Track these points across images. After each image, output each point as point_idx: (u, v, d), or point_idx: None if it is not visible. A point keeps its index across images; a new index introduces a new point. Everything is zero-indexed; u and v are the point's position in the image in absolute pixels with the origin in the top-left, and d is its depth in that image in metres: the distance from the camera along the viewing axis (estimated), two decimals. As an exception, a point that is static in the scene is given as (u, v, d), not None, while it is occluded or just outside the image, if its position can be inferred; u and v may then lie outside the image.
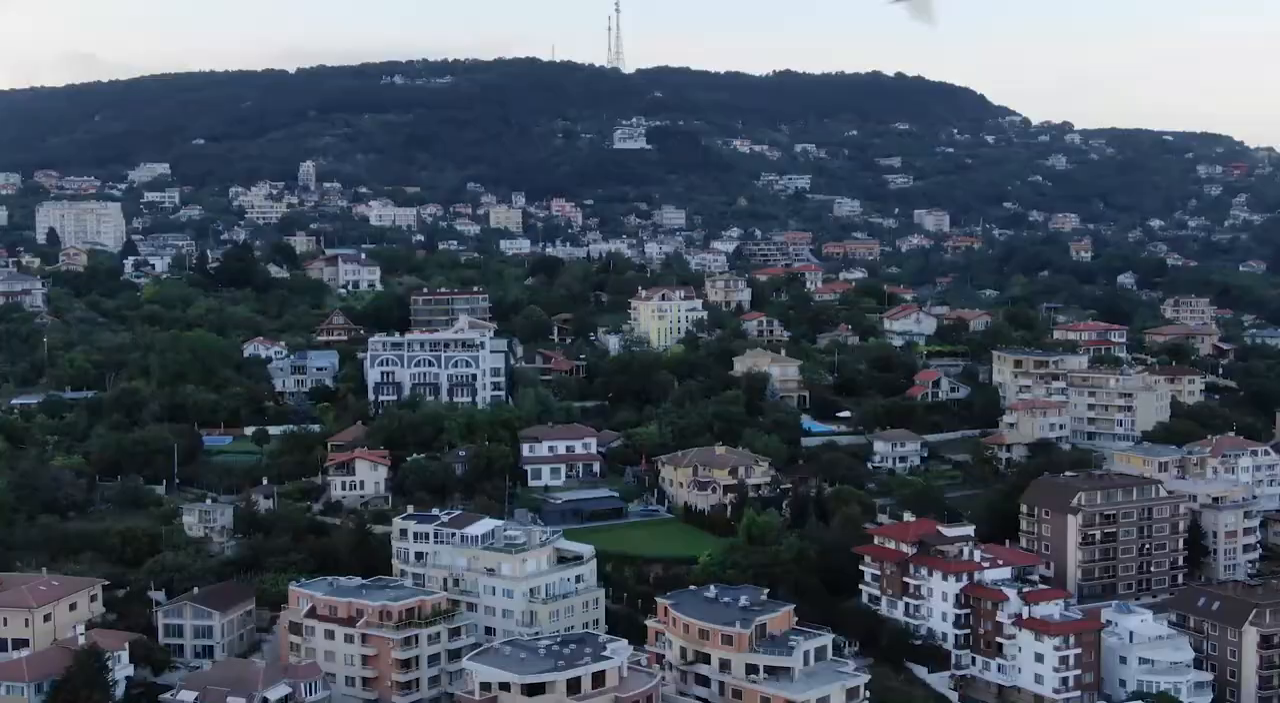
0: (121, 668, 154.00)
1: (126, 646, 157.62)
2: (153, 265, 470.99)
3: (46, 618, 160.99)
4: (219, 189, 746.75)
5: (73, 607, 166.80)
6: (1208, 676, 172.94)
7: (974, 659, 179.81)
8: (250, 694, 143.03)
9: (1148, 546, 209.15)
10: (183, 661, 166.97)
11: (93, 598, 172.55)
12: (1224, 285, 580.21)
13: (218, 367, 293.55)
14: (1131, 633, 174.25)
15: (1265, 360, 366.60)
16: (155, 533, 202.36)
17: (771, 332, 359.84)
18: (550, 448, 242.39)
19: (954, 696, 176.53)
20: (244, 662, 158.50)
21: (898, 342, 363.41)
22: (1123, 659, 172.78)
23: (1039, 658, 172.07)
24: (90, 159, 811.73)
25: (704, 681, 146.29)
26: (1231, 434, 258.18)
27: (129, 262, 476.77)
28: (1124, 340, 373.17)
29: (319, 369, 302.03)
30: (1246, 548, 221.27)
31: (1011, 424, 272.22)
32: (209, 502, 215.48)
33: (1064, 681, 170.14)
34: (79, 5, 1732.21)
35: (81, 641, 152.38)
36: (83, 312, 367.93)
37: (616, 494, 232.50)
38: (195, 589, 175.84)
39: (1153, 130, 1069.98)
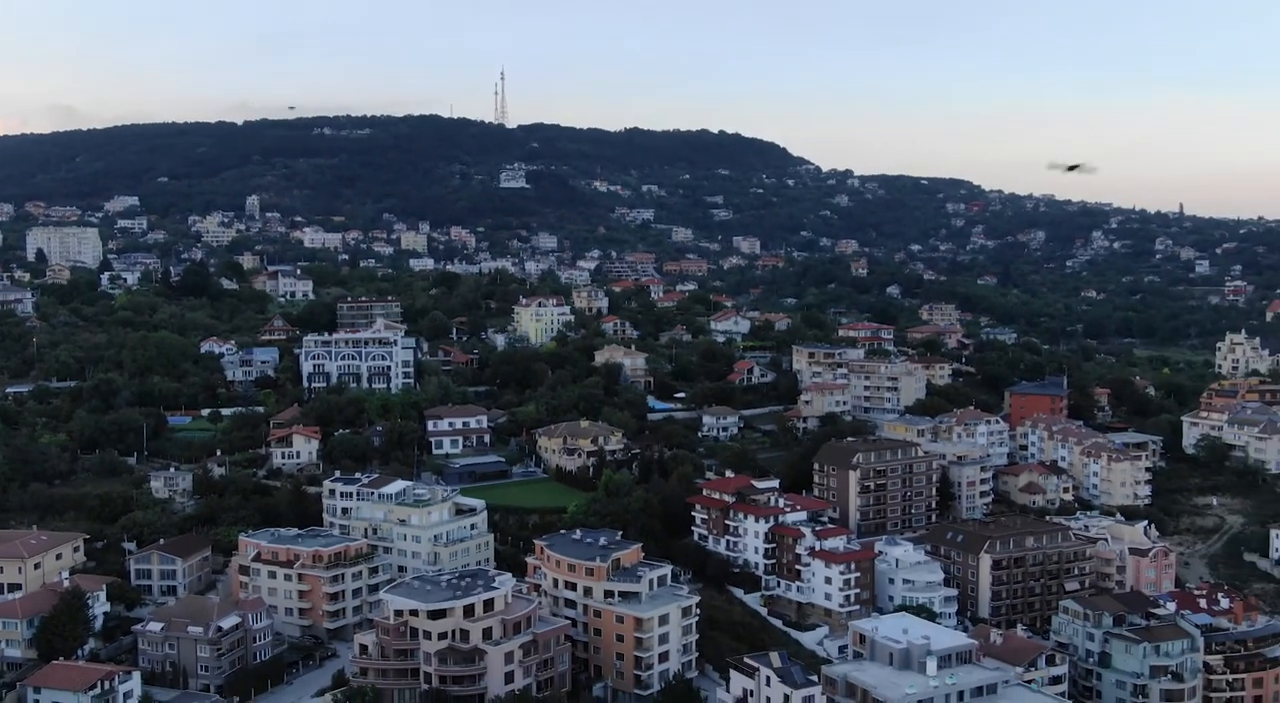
0: (100, 605, 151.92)
1: (104, 587, 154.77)
2: (125, 279, 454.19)
3: (37, 566, 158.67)
4: (180, 217, 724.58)
5: (59, 557, 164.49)
6: (954, 591, 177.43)
7: (779, 582, 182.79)
8: (208, 624, 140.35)
9: (909, 493, 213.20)
10: (151, 599, 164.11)
11: (75, 549, 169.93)
12: (966, 295, 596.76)
13: (179, 361, 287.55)
14: (897, 560, 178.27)
15: (996, 352, 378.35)
16: (127, 496, 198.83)
17: (624, 331, 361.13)
18: (450, 423, 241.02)
19: (764, 610, 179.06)
20: (202, 598, 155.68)
21: (721, 338, 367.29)
22: (891, 580, 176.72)
23: (828, 580, 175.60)
24: (72, 193, 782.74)
25: (571, 604, 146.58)
26: (971, 408, 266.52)
27: (105, 276, 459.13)
28: (891, 337, 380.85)
29: (262, 362, 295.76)
30: (982, 494, 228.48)
31: (807, 401, 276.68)
32: (172, 470, 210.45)
33: (846, 597, 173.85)
34: (64, 66, 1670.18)
35: (66, 584, 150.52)
36: (66, 317, 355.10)
37: (502, 459, 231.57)
38: (161, 541, 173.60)
39: (913, 176, 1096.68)
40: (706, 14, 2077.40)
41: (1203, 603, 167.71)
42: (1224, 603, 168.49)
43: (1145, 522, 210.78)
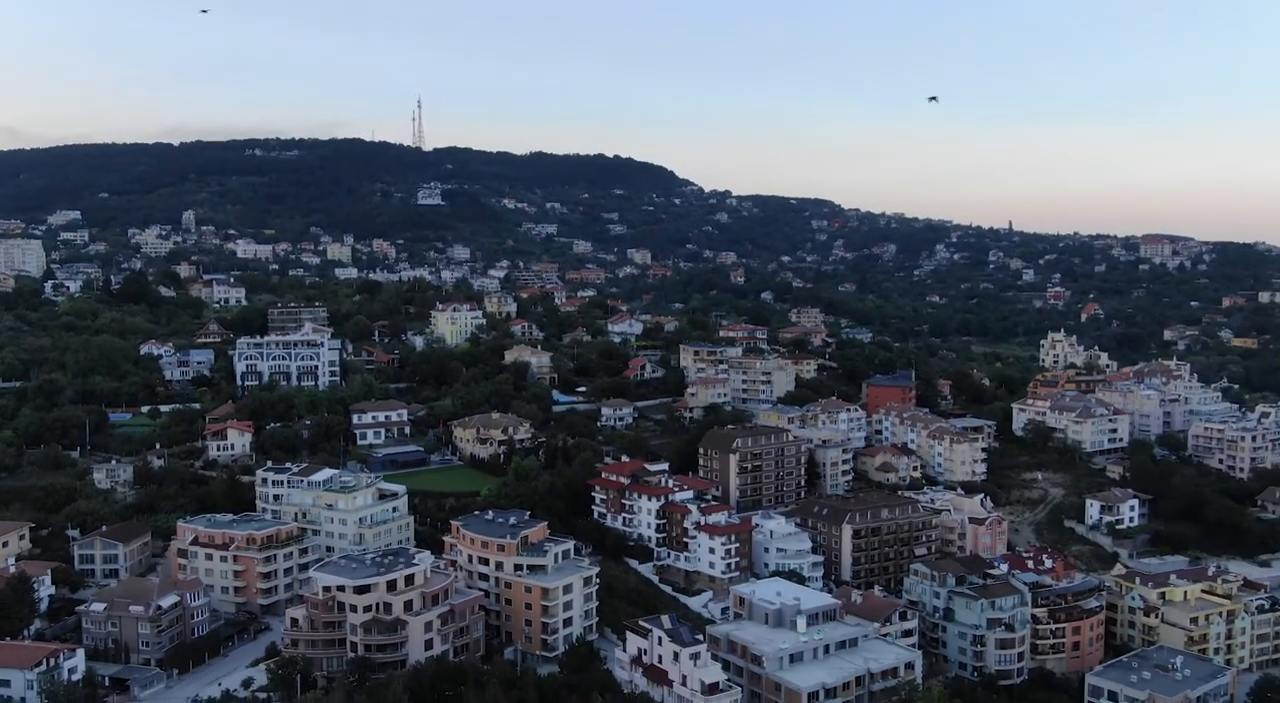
0: (45, 589, 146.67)
1: (49, 572, 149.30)
2: (68, 287, 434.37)
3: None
4: (120, 230, 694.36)
5: (4, 544, 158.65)
6: (820, 558, 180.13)
7: (669, 553, 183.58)
8: (148, 603, 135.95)
9: (781, 473, 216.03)
10: (94, 582, 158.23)
11: (21, 537, 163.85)
12: (829, 300, 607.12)
13: (120, 362, 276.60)
14: (771, 531, 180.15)
15: (854, 349, 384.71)
16: (71, 487, 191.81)
17: (531, 333, 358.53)
18: (373, 417, 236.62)
19: (656, 579, 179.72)
20: (142, 580, 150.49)
21: (617, 339, 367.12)
22: (766, 549, 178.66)
23: (712, 551, 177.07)
24: (17, 207, 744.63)
25: (485, 577, 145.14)
26: (834, 398, 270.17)
27: (48, 284, 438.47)
28: (765, 337, 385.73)
29: (198, 363, 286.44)
30: (844, 473, 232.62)
31: (693, 394, 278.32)
32: (114, 462, 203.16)
33: (728, 565, 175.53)
34: (8, 89, 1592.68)
35: (12, 569, 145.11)
36: (11, 322, 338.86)
37: (421, 449, 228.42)
38: (103, 528, 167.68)
39: (783, 196, 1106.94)
40: (603, 51, 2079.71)
41: (1030, 564, 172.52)
42: (1048, 563, 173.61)
43: (982, 495, 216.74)
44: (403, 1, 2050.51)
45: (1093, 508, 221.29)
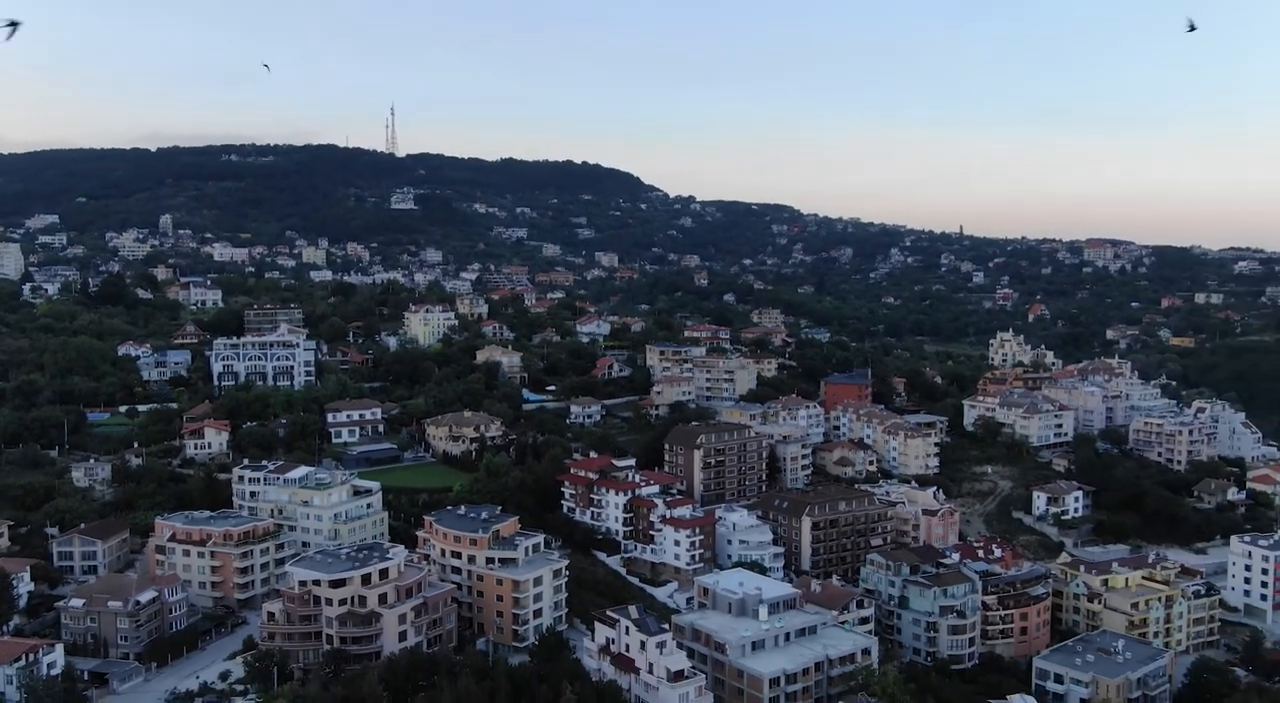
0: (24, 585, 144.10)
1: (28, 568, 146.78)
2: (46, 290, 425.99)
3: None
4: (97, 234, 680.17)
5: None
6: (781, 549, 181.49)
7: (636, 546, 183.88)
8: (126, 598, 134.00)
9: (743, 468, 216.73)
10: (73, 578, 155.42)
11: (0, 535, 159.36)
12: (789, 301, 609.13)
13: (98, 363, 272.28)
14: (734, 524, 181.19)
15: (813, 349, 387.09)
16: (49, 485, 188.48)
17: (502, 333, 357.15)
18: (348, 415, 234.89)
19: (623, 570, 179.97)
20: (121, 576, 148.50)
21: (585, 339, 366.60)
22: (729, 541, 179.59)
23: (677, 543, 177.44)
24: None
25: (457, 570, 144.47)
26: (794, 396, 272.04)
27: (26, 287, 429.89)
28: (728, 337, 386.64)
29: (176, 363, 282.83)
30: (804, 467, 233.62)
31: (659, 392, 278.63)
32: (92, 461, 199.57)
33: (692, 556, 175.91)
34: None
35: None
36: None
37: (395, 446, 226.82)
38: (82, 525, 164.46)
39: (745, 201, 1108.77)
40: (573, 61, 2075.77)
41: (980, 553, 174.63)
42: (997, 553, 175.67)
43: (935, 488, 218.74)
44: (377, 12, 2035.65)
45: (1039, 500, 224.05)
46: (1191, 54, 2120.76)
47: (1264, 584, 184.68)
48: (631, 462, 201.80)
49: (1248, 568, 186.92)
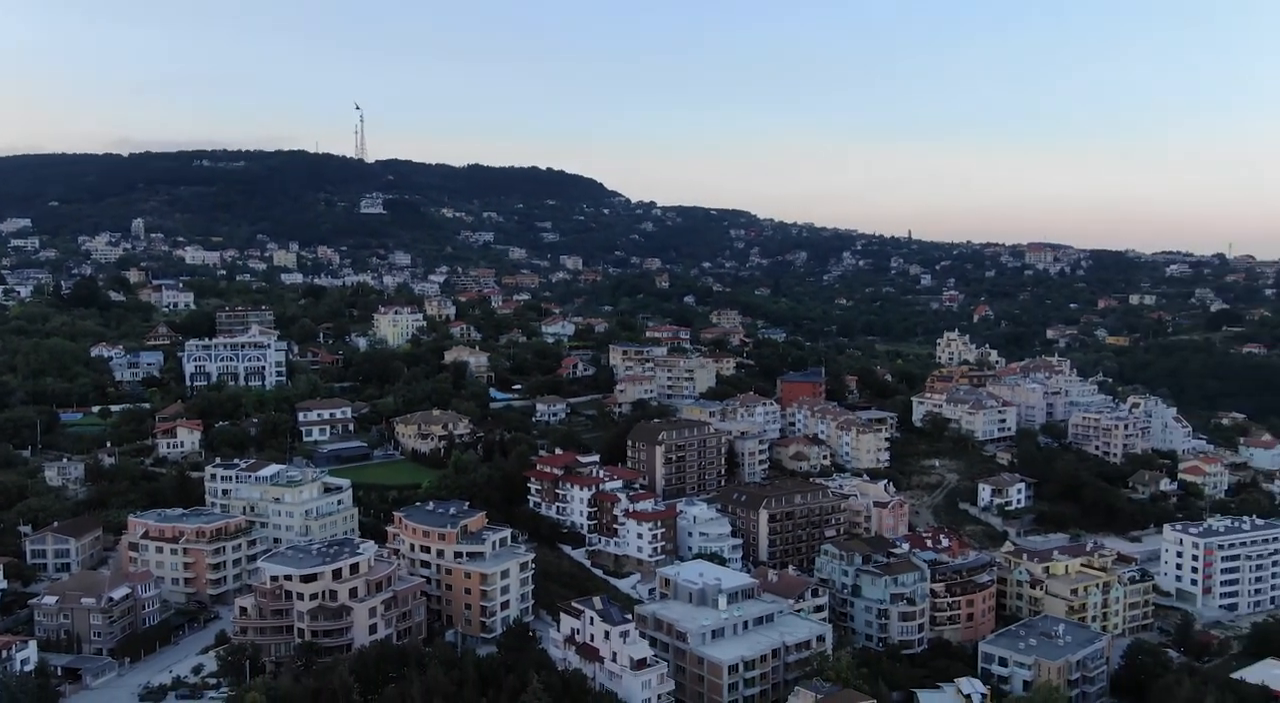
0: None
1: (1, 566, 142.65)
2: (18, 292, 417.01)
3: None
4: (70, 237, 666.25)
5: None
6: (739, 541, 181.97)
7: (600, 539, 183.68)
8: (100, 595, 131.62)
9: (703, 463, 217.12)
10: (46, 576, 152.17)
11: None
12: (746, 303, 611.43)
13: (70, 364, 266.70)
14: (694, 517, 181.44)
15: (770, 348, 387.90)
16: (22, 484, 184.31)
17: (469, 334, 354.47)
18: (319, 414, 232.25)
19: (588, 562, 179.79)
20: (94, 573, 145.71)
21: (550, 339, 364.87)
22: (690, 533, 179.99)
23: (639, 536, 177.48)
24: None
25: (426, 564, 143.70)
26: (751, 393, 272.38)
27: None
28: (688, 337, 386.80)
29: (148, 364, 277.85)
30: (761, 462, 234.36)
31: (621, 390, 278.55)
32: (65, 460, 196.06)
33: (654, 549, 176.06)
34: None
35: None
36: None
37: (365, 444, 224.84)
38: (55, 523, 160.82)
39: (704, 206, 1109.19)
40: (538, 70, 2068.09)
41: (929, 543, 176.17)
42: (944, 542, 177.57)
43: (885, 480, 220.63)
44: (346, 20, 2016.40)
45: (984, 491, 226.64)
46: (1123, 66, 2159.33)
47: (1194, 570, 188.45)
48: (595, 458, 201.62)
49: (1179, 555, 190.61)
